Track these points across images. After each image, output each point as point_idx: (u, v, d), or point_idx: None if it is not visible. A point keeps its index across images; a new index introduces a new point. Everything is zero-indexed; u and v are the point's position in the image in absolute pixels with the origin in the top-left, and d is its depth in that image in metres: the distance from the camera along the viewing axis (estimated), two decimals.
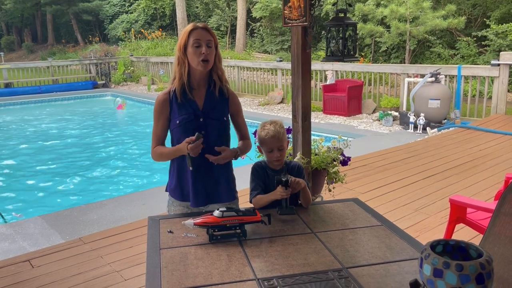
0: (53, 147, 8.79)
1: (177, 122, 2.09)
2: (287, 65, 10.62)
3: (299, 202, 2.18)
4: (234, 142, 2.25)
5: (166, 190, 2.26)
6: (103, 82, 16.20)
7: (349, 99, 9.09)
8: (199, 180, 2.12)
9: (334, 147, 3.46)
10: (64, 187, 6.43)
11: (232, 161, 2.21)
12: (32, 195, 6.12)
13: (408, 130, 7.73)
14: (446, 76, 8.17)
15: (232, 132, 2.24)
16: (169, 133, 2.19)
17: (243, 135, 2.26)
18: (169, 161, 2.21)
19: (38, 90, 14.80)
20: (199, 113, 2.09)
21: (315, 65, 10.22)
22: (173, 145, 2.14)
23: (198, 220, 1.79)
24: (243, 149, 2.21)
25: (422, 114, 7.55)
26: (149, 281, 1.55)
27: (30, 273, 3.09)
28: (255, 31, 19.57)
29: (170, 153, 2.12)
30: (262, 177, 2.14)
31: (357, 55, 2.92)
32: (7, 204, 5.73)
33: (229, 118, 2.19)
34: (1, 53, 17.96)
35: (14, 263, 3.23)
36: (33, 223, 4.12)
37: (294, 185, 2.01)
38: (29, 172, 7.18)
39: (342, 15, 2.85)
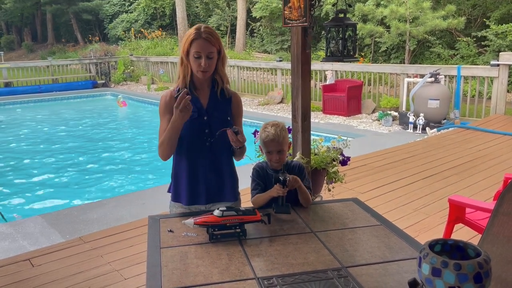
0: (53, 146, 8.79)
1: None
2: (287, 65, 10.62)
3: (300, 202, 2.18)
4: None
5: (168, 191, 2.25)
6: (103, 81, 16.19)
7: (349, 99, 9.09)
8: (204, 179, 2.12)
9: (334, 147, 3.47)
10: (64, 186, 6.44)
11: (235, 161, 2.22)
12: (32, 194, 6.12)
13: (407, 130, 7.74)
14: (445, 76, 8.18)
15: None
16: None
17: None
18: (171, 163, 2.20)
19: (37, 89, 14.78)
20: (203, 112, 2.10)
21: (315, 65, 10.22)
22: (179, 142, 2.08)
23: (198, 219, 1.79)
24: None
25: (421, 114, 7.56)
26: (149, 280, 1.56)
27: (30, 272, 3.10)
28: (255, 31, 19.56)
29: (167, 132, 2.01)
30: (262, 177, 2.16)
31: (356, 56, 2.93)
32: (7, 204, 5.74)
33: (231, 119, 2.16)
34: (1, 52, 17.95)
35: (14, 262, 3.24)
36: (33, 222, 4.13)
37: (291, 183, 2.03)
38: (29, 171, 7.18)
39: (342, 15, 2.86)
